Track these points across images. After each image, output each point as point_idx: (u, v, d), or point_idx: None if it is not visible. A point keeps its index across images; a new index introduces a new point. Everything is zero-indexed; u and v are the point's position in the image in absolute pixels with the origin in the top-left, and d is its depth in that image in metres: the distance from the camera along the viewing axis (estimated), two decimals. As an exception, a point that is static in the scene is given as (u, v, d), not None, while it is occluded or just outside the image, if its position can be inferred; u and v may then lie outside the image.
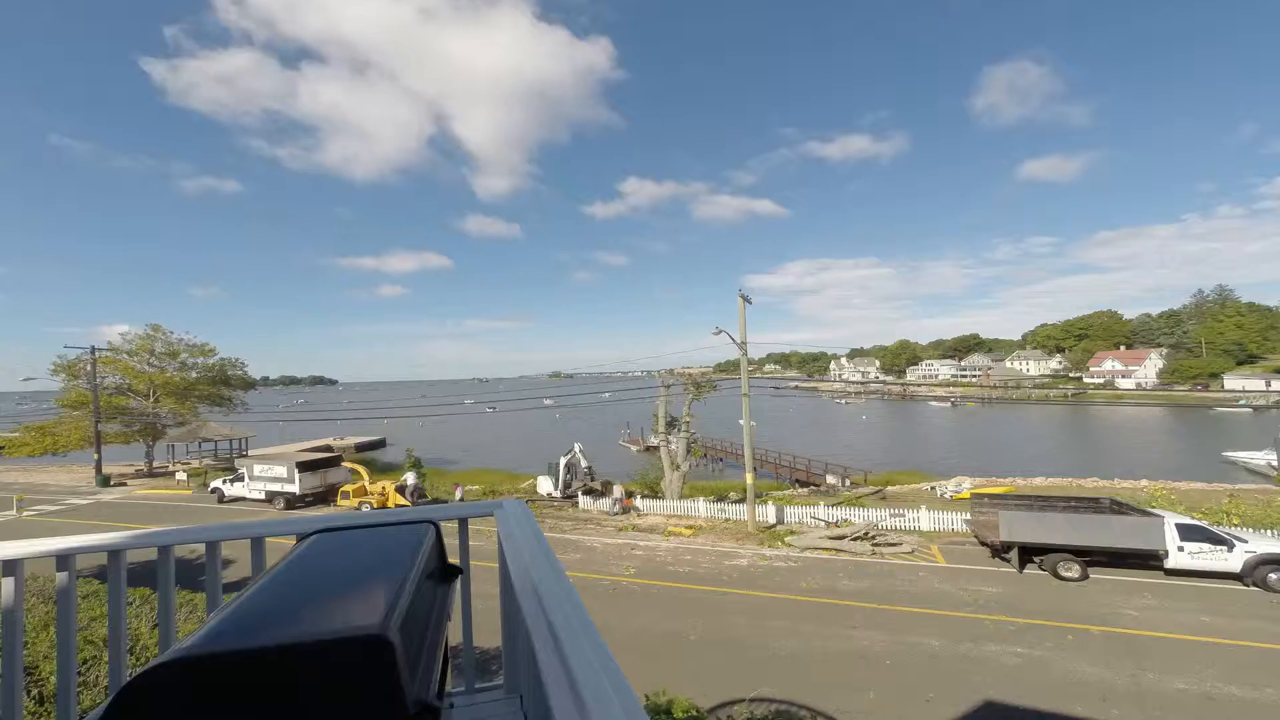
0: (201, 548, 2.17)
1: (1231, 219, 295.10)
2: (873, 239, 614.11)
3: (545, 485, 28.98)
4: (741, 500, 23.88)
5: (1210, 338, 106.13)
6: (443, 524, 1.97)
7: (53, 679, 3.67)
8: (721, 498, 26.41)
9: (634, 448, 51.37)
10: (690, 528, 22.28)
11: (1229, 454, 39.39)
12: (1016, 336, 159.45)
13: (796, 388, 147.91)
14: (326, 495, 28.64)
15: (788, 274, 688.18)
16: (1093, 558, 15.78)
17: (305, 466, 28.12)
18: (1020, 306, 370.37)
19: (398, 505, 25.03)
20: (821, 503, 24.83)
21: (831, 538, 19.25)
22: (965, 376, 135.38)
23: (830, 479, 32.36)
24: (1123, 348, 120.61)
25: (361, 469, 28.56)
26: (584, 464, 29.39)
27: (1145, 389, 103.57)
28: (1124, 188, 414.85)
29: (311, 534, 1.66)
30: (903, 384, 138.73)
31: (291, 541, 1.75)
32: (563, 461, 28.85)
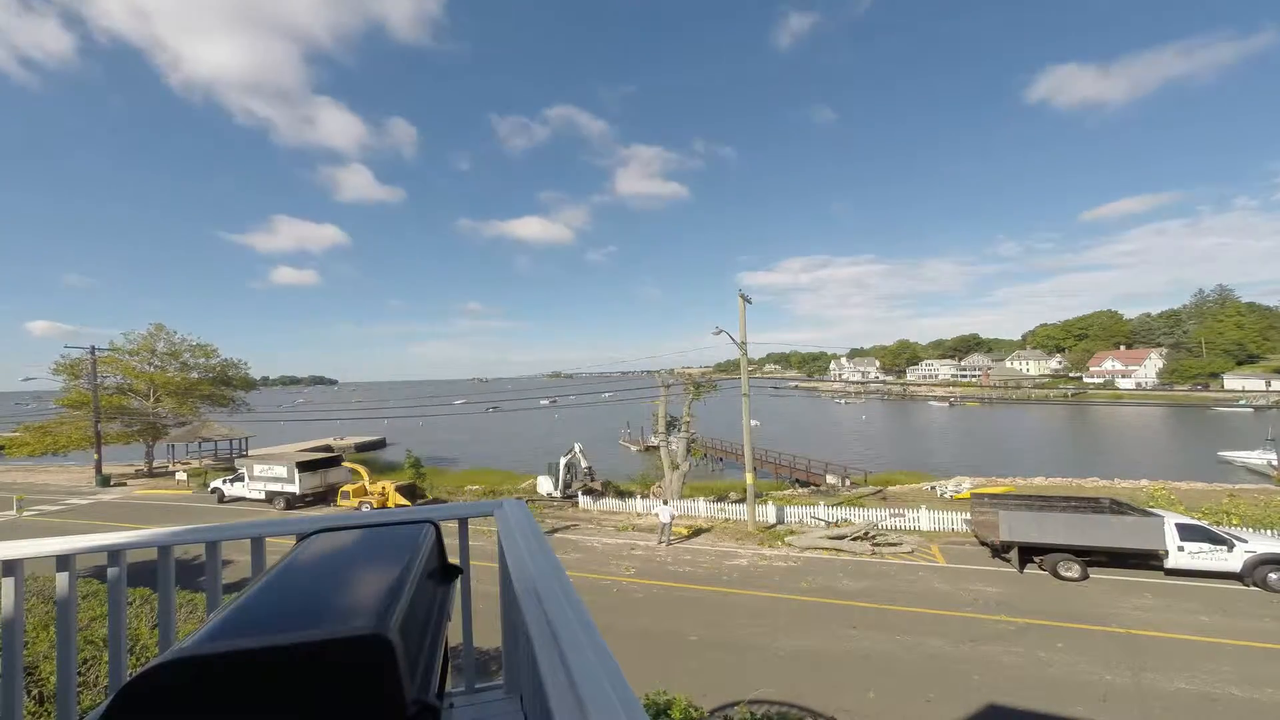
0: (201, 548, 2.17)
1: (1246, 211, 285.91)
2: (872, 235, 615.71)
3: (545, 485, 28.98)
4: (741, 500, 23.88)
5: (1210, 338, 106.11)
6: (443, 524, 1.97)
7: (53, 679, 3.67)
8: (721, 498, 26.41)
9: (634, 448, 51.37)
10: (690, 528, 22.28)
11: (1228, 454, 39.40)
12: (1016, 336, 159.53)
13: (796, 388, 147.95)
14: (326, 495, 28.64)
15: (786, 270, 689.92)
16: (1093, 558, 15.77)
17: (305, 466, 28.12)
18: (1022, 306, 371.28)
19: (398, 505, 25.03)
20: (821, 502, 24.82)
21: (831, 537, 19.24)
22: (965, 376, 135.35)
23: (830, 479, 32.36)
24: (1122, 348, 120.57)
25: (361, 469, 28.55)
26: (584, 464, 29.39)
27: (1145, 389, 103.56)
28: (1130, 178, 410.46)
29: (311, 534, 1.66)
30: (903, 384, 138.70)
31: (291, 541, 1.76)
32: (563, 461, 28.86)
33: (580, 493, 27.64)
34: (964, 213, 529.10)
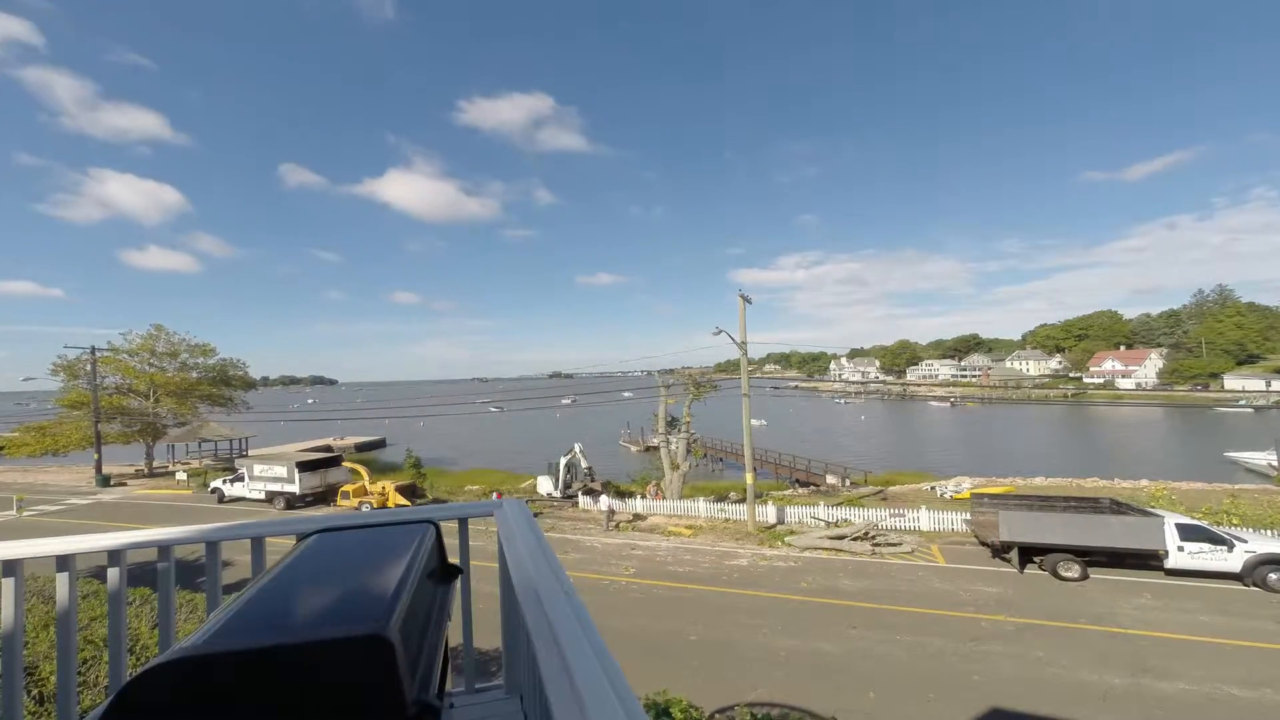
0: (201, 548, 2.17)
1: (1264, 203, 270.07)
2: (873, 233, 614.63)
3: (545, 485, 28.98)
4: (741, 500, 23.87)
5: (1210, 337, 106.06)
6: (443, 524, 1.97)
7: (53, 679, 3.67)
8: (721, 498, 26.40)
9: (634, 448, 51.36)
10: (690, 528, 22.27)
11: (1229, 454, 39.38)
12: (1016, 336, 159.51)
13: (796, 388, 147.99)
14: (326, 495, 28.65)
15: (783, 268, 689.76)
16: (1093, 558, 15.77)
17: (305, 466, 28.13)
18: (1023, 305, 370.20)
19: (398, 505, 25.03)
20: (821, 503, 24.81)
21: (831, 538, 19.24)
22: (965, 376, 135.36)
23: (830, 479, 32.36)
24: (1123, 348, 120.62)
25: (361, 469, 28.56)
26: (584, 464, 29.39)
27: (1145, 389, 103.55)
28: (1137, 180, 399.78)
29: (311, 534, 1.66)
30: (903, 384, 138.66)
31: (291, 541, 1.75)
32: (563, 462, 28.85)
33: (580, 493, 27.64)
34: (967, 209, 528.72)
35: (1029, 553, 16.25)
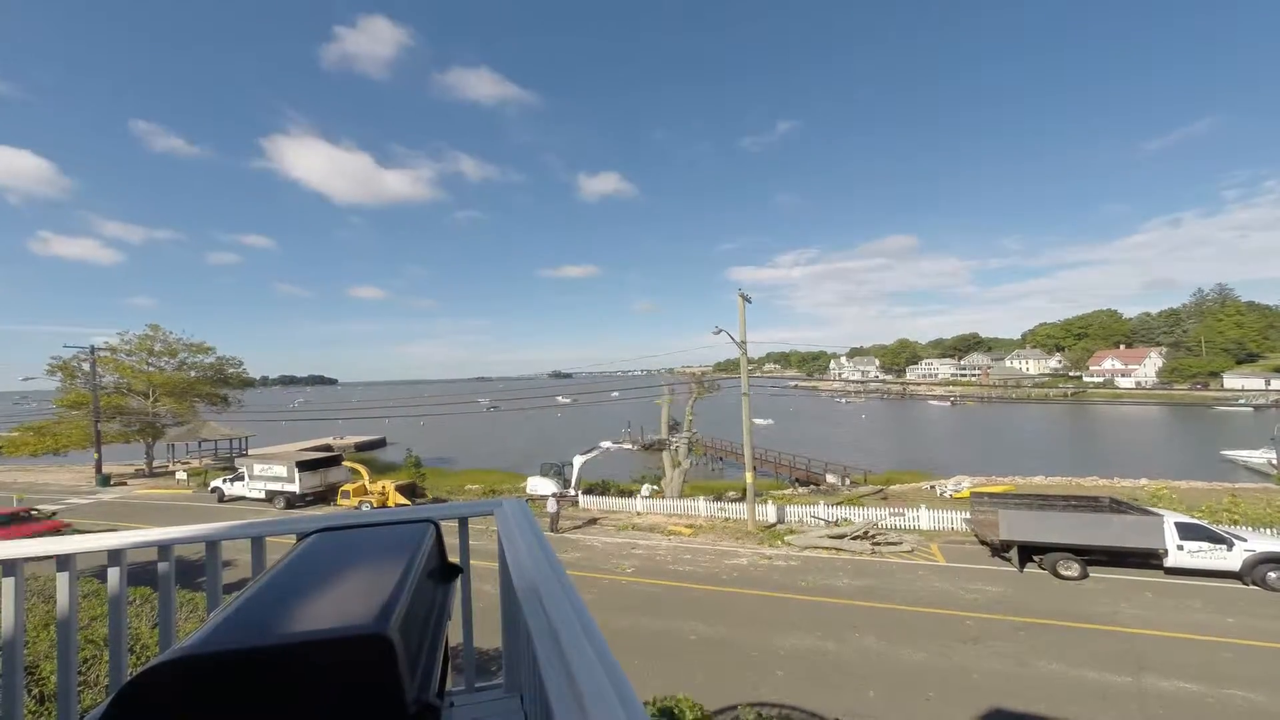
0: (201, 548, 2.17)
1: (1274, 196, 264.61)
2: (872, 231, 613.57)
3: (536, 487, 28.08)
4: (741, 499, 23.88)
5: (1210, 336, 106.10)
6: (443, 524, 1.97)
7: (53, 678, 3.68)
8: (721, 497, 26.40)
9: (633, 448, 51.22)
10: (690, 527, 22.28)
11: (1229, 453, 39.40)
12: (1016, 336, 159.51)
13: (796, 387, 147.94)
14: (326, 495, 28.64)
15: (782, 267, 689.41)
16: (1093, 557, 15.77)
17: (305, 466, 28.11)
18: (1023, 304, 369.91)
19: (398, 505, 25.02)
20: (821, 502, 24.82)
21: (831, 537, 19.25)
22: (965, 375, 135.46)
23: (830, 478, 32.37)
24: (1122, 347, 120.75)
25: (361, 468, 28.55)
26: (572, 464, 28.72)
27: (1145, 388, 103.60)
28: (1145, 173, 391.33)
29: (311, 534, 1.66)
30: (902, 383, 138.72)
31: (291, 541, 1.75)
32: (578, 461, 28.32)
33: (581, 492, 27.52)
34: (968, 207, 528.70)
35: (1029, 551, 16.26)
